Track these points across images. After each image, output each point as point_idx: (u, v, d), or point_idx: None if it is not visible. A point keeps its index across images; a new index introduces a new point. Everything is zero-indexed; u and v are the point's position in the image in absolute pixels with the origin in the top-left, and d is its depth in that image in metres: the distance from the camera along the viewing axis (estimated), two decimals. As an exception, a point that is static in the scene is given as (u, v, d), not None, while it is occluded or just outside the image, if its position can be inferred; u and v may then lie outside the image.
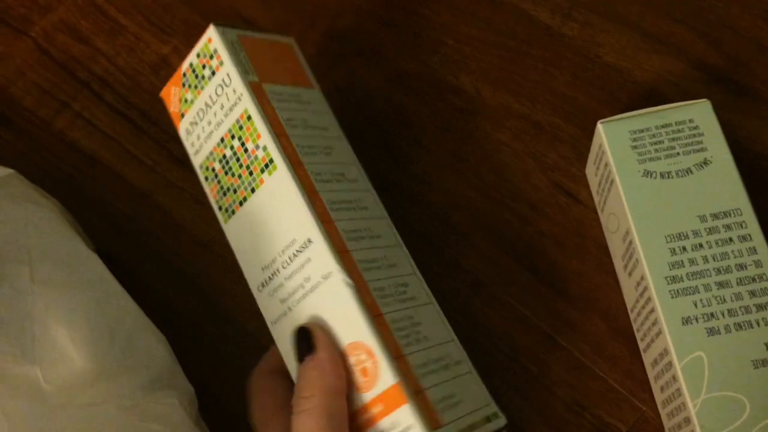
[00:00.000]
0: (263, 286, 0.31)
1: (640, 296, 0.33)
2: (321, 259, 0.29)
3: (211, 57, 0.32)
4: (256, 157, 0.31)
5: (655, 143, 0.33)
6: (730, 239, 0.31)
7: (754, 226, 0.31)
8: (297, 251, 0.30)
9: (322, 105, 0.35)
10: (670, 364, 0.30)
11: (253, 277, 0.31)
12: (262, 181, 0.31)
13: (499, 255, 0.38)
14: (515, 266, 0.37)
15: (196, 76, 0.33)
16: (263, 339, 0.37)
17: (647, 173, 0.33)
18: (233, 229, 0.32)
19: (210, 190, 0.33)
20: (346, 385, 0.28)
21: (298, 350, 0.28)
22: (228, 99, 0.32)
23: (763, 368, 0.29)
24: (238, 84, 0.31)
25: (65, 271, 0.30)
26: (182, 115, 0.33)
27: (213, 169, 0.32)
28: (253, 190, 0.31)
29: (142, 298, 0.34)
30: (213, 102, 0.32)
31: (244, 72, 0.32)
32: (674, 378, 0.30)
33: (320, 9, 0.43)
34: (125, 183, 0.40)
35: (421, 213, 0.39)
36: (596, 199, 0.37)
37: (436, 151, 0.40)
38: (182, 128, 0.34)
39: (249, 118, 0.31)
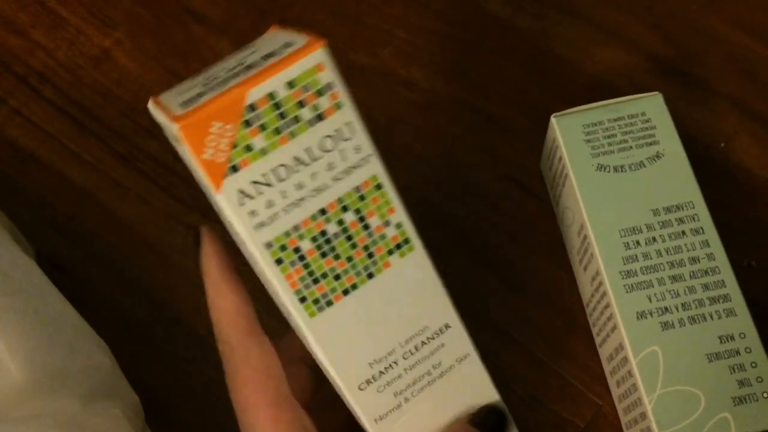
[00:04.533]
0: (369, 383, 0.26)
1: (596, 291, 0.32)
2: (458, 342, 0.27)
3: (320, 93, 0.22)
4: (382, 236, 0.25)
5: (608, 137, 0.33)
6: (683, 232, 0.31)
7: (706, 219, 0.31)
8: (428, 338, 0.26)
9: None
10: (625, 359, 0.30)
11: (352, 375, 0.25)
12: (387, 265, 0.25)
13: (454, 250, 0.37)
14: (469, 262, 0.37)
15: (282, 115, 0.22)
16: (214, 340, 0.36)
17: (601, 167, 0.32)
18: (326, 324, 0.24)
19: (285, 276, 0.24)
20: None
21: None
22: (344, 159, 0.23)
23: (717, 362, 0.29)
24: (364, 140, 0.23)
25: None
26: (234, 168, 0.21)
27: (296, 250, 0.23)
28: (370, 276, 0.25)
29: (86, 302, 0.33)
30: (313, 159, 0.23)
31: (362, 120, 0.23)
32: (630, 373, 0.30)
33: (269, 0, 0.42)
34: (66, 182, 0.39)
35: (374, 209, 0.38)
36: (551, 193, 0.37)
37: (387, 144, 0.39)
38: (230, 188, 0.22)
39: (379, 187, 0.24)
